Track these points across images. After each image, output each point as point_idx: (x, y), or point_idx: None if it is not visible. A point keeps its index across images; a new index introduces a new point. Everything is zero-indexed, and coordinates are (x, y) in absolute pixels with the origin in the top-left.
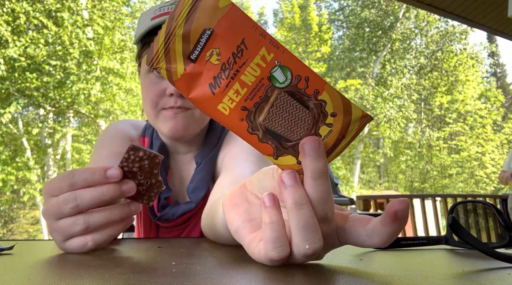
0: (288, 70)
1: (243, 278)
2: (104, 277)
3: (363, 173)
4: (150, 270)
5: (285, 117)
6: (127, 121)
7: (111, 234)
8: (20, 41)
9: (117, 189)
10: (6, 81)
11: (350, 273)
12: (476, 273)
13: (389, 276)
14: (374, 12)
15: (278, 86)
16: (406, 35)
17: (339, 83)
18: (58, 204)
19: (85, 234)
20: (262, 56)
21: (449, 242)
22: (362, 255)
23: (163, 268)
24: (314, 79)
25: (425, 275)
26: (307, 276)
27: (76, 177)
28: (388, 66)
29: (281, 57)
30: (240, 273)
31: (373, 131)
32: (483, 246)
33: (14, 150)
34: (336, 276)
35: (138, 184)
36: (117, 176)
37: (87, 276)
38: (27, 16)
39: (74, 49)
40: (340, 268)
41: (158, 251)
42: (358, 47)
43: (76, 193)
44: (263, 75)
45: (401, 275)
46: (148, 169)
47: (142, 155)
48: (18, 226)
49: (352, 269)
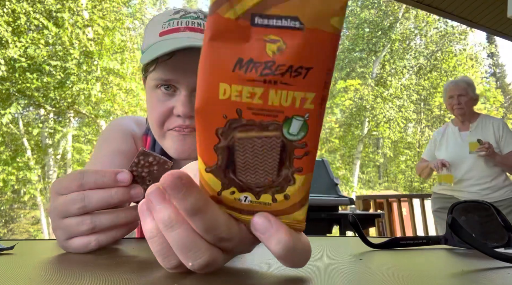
0: (305, 131)
1: (243, 278)
2: (105, 277)
3: (362, 173)
4: (150, 270)
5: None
6: (131, 118)
7: (115, 236)
8: (20, 42)
9: (125, 193)
10: (7, 82)
11: (350, 273)
12: (476, 272)
13: (388, 275)
14: (373, 13)
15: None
16: (406, 35)
17: (339, 84)
18: (65, 202)
19: (89, 234)
20: (304, 97)
21: (448, 242)
22: (362, 255)
23: (163, 268)
24: (309, 159)
25: (425, 275)
26: (306, 275)
27: (86, 178)
28: (387, 66)
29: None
30: (241, 272)
31: (373, 131)
32: (482, 246)
33: (14, 150)
34: (336, 276)
35: (146, 189)
36: (127, 180)
37: (87, 276)
38: (28, 16)
39: (74, 50)
40: (340, 268)
41: None
42: (357, 48)
43: (85, 193)
44: (285, 112)
45: (401, 275)
46: (157, 174)
47: (152, 160)
48: (18, 225)
49: (352, 268)
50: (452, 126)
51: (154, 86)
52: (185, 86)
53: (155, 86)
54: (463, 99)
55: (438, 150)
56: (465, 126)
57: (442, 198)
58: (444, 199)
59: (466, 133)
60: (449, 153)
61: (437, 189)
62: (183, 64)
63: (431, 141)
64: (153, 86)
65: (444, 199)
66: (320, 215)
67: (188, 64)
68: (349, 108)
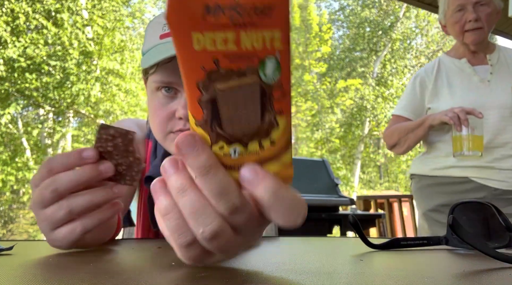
0: (279, 70)
1: (244, 279)
2: (104, 277)
3: (363, 173)
4: (150, 270)
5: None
6: (132, 120)
7: (100, 217)
8: (19, 42)
9: (94, 169)
10: (6, 82)
11: (350, 273)
12: (476, 273)
13: (389, 276)
14: (374, 12)
15: (260, 75)
16: (407, 35)
17: (339, 83)
18: (39, 191)
19: (72, 221)
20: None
21: (449, 242)
22: (362, 255)
23: (162, 268)
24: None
25: (425, 275)
26: (306, 276)
27: (52, 162)
28: (388, 66)
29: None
30: (243, 271)
31: (374, 131)
32: (483, 246)
33: (13, 150)
34: (336, 277)
35: (116, 164)
36: (92, 156)
37: (87, 277)
38: (27, 16)
39: (73, 50)
40: (340, 268)
41: (158, 251)
42: (358, 47)
43: (55, 177)
44: (258, 54)
45: (401, 275)
46: (123, 147)
47: (113, 133)
48: (17, 226)
49: (352, 269)
50: (451, 60)
51: (155, 89)
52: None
53: (156, 88)
54: (483, 11)
55: (432, 98)
56: (479, 58)
57: (446, 184)
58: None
59: (485, 68)
60: (459, 101)
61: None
62: None
63: (412, 87)
64: (154, 88)
65: (451, 185)
66: (320, 216)
67: None
68: (349, 108)
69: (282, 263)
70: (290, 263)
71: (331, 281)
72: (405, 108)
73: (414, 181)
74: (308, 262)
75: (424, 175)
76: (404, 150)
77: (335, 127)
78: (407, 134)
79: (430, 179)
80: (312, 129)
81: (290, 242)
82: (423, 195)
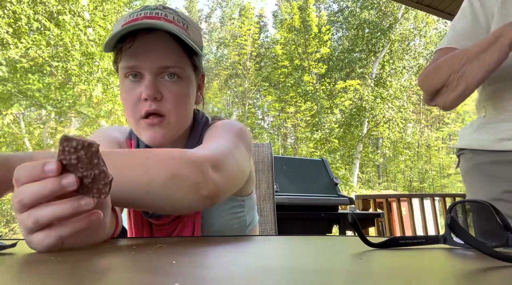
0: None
1: (243, 278)
2: (106, 276)
3: (362, 173)
4: (150, 269)
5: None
6: (113, 127)
7: (75, 226)
8: (21, 43)
9: (56, 183)
10: (8, 83)
11: (349, 272)
12: (475, 272)
13: (388, 275)
14: (373, 13)
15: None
16: (405, 36)
17: (339, 84)
18: (12, 198)
19: (47, 227)
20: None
21: (447, 242)
22: (361, 255)
23: (163, 267)
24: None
25: (424, 274)
26: (306, 274)
27: (19, 172)
28: (387, 67)
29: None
30: (243, 271)
31: (372, 131)
32: (481, 246)
33: (16, 150)
34: (335, 276)
35: (82, 177)
36: (53, 170)
37: (89, 274)
38: (28, 18)
39: (75, 51)
40: (339, 267)
41: (159, 250)
42: (357, 48)
43: (20, 189)
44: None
45: (400, 274)
46: (86, 159)
47: (76, 145)
48: None
49: (351, 268)
50: None
51: (123, 77)
52: (149, 71)
53: (124, 76)
54: None
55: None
56: None
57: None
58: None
59: None
60: None
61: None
62: (144, 49)
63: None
64: (123, 77)
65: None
66: (319, 215)
67: (148, 48)
68: (348, 109)
69: (282, 261)
70: (289, 261)
71: (331, 280)
72: (459, 38)
73: (464, 158)
74: (307, 260)
75: (482, 149)
76: (457, 96)
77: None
78: (466, 63)
79: (493, 154)
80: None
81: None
82: (481, 178)
